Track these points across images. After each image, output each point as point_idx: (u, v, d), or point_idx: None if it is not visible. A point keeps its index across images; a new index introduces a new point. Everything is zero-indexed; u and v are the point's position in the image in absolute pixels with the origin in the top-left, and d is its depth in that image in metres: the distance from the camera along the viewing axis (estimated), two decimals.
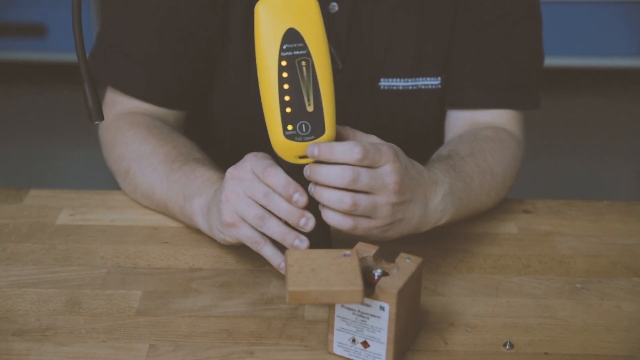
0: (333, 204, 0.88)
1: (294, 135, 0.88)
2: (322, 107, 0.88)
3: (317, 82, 0.88)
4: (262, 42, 0.87)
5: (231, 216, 0.93)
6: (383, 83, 1.21)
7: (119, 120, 1.18)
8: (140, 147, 1.12)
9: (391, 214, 0.91)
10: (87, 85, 0.92)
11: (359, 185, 0.88)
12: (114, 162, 1.17)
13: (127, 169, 1.13)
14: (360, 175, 0.88)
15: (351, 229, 0.90)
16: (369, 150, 0.88)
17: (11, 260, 1.04)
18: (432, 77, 1.21)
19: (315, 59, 0.87)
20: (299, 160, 0.89)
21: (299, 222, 0.90)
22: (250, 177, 0.92)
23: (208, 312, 0.94)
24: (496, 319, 0.94)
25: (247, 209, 0.92)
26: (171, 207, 1.07)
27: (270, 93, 0.88)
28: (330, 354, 0.88)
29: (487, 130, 1.17)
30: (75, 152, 2.94)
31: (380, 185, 0.89)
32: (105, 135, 1.21)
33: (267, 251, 0.93)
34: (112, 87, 1.21)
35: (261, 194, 0.91)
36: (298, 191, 0.89)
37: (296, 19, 0.87)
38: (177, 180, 1.06)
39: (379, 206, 0.90)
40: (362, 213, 0.89)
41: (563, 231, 1.12)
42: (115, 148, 1.17)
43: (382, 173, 0.90)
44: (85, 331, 0.91)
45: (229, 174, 0.93)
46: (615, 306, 0.97)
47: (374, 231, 0.91)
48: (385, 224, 0.91)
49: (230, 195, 0.93)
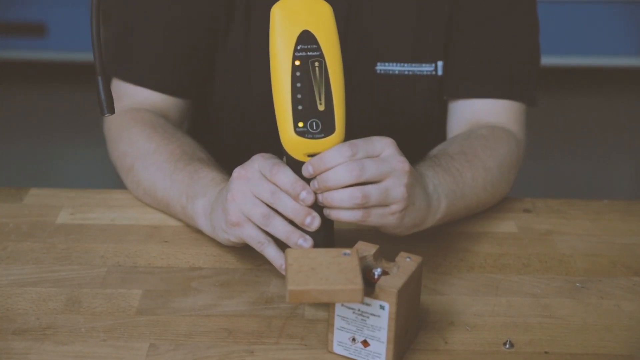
0: (345, 202, 0.88)
1: (304, 132, 0.89)
2: (333, 106, 0.89)
3: (329, 83, 0.89)
4: (277, 42, 0.89)
5: (237, 215, 0.93)
6: (380, 67, 1.22)
7: (124, 116, 1.19)
8: (144, 145, 1.13)
9: (406, 197, 0.91)
10: (101, 77, 0.93)
11: (368, 175, 0.88)
12: (117, 158, 1.18)
13: (131, 166, 1.14)
14: (365, 165, 0.88)
15: (363, 219, 0.90)
16: (357, 145, 0.89)
17: (11, 259, 1.04)
18: (427, 63, 1.22)
19: (328, 60, 0.89)
20: (308, 159, 0.90)
21: (305, 220, 0.90)
22: (258, 176, 0.92)
23: (208, 311, 0.94)
24: (496, 318, 0.94)
25: (252, 208, 0.92)
26: (173, 206, 1.08)
27: (283, 90, 0.89)
28: (330, 353, 0.88)
29: (483, 129, 1.17)
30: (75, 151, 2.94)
31: (390, 169, 0.90)
32: (110, 130, 1.21)
33: (270, 252, 0.93)
34: (118, 79, 1.23)
35: (268, 192, 0.91)
36: (305, 189, 0.90)
37: (311, 22, 0.89)
38: (181, 180, 1.06)
39: (392, 189, 0.90)
40: (376, 202, 0.89)
41: (563, 230, 1.12)
42: (119, 144, 1.17)
43: (386, 157, 0.90)
44: (85, 330, 0.91)
45: (236, 173, 0.94)
46: (615, 305, 0.97)
47: (390, 218, 0.91)
48: (402, 208, 0.91)
49: (237, 195, 0.93)
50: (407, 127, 1.27)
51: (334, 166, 0.88)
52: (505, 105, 1.21)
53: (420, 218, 0.96)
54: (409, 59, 1.22)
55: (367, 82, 1.22)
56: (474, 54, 1.21)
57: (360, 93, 1.22)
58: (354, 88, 1.21)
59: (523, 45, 1.23)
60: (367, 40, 1.21)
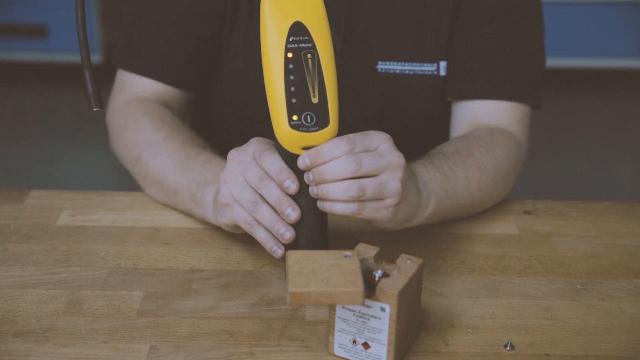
0: (341, 195, 0.88)
1: (299, 126, 0.88)
2: (327, 98, 0.89)
3: (322, 75, 0.89)
4: (269, 34, 0.89)
5: (226, 196, 0.94)
6: (381, 66, 1.22)
7: (129, 107, 1.19)
8: (154, 134, 1.14)
9: (401, 191, 0.91)
10: (87, 71, 0.93)
11: (365, 169, 0.88)
12: (124, 148, 1.18)
13: (139, 155, 1.14)
14: (362, 159, 0.88)
15: (357, 212, 0.90)
16: (354, 139, 0.89)
17: (12, 261, 1.04)
18: (429, 62, 1.22)
19: (321, 52, 0.89)
20: (302, 152, 0.90)
21: (285, 210, 0.90)
22: (249, 160, 0.92)
23: (209, 313, 0.94)
24: (497, 320, 0.94)
25: (242, 192, 0.92)
26: (181, 193, 1.08)
27: (276, 84, 0.88)
28: (330, 355, 0.88)
29: (482, 131, 1.17)
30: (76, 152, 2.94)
31: (386, 163, 0.90)
32: (114, 120, 1.22)
33: (260, 234, 0.94)
34: (123, 69, 1.23)
35: (256, 176, 0.91)
36: (290, 178, 0.90)
37: (302, 13, 0.89)
38: (192, 168, 1.06)
39: (387, 183, 0.90)
40: (371, 196, 0.89)
41: (564, 232, 1.12)
42: (126, 133, 1.17)
43: (382, 152, 0.90)
44: (86, 332, 0.91)
45: (231, 155, 0.94)
46: (616, 307, 0.97)
47: (383, 212, 0.91)
48: (396, 202, 0.91)
49: (228, 176, 0.93)
50: (408, 127, 1.27)
51: (331, 159, 0.88)
52: (507, 107, 1.21)
53: (410, 214, 0.97)
54: (411, 58, 1.22)
55: (368, 81, 1.23)
56: (476, 55, 1.21)
57: (360, 92, 1.22)
58: (354, 87, 1.22)
59: (527, 46, 1.22)
60: (368, 38, 1.21)
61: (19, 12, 3.21)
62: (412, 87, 1.23)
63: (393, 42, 1.21)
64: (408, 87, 1.23)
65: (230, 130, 1.31)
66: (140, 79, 1.22)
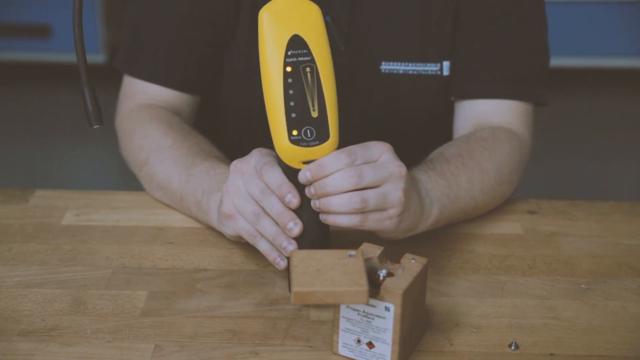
0: (344, 207, 0.88)
1: (299, 141, 0.88)
2: (327, 112, 0.88)
3: (322, 88, 0.88)
4: (267, 47, 0.88)
5: (229, 208, 0.94)
6: (384, 66, 1.22)
7: (138, 112, 1.19)
8: (160, 140, 1.14)
9: (403, 201, 0.91)
10: (87, 89, 0.93)
11: (367, 181, 0.88)
12: (131, 152, 1.18)
13: (146, 159, 1.14)
14: (363, 171, 0.88)
15: (360, 223, 0.90)
16: (354, 151, 0.89)
17: (16, 261, 1.04)
18: (432, 62, 1.22)
19: (319, 65, 0.88)
20: (303, 166, 0.89)
21: (287, 224, 0.90)
22: (252, 172, 0.92)
23: (213, 313, 0.94)
24: (501, 320, 0.94)
25: (244, 205, 0.92)
26: (187, 200, 1.08)
27: (275, 98, 0.88)
28: (335, 355, 0.88)
29: (484, 131, 1.17)
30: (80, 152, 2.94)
31: (387, 174, 0.90)
32: (123, 125, 1.22)
33: (263, 246, 0.94)
34: (131, 76, 1.23)
35: (258, 190, 0.91)
36: (291, 192, 0.90)
37: (300, 26, 0.88)
38: (197, 175, 1.06)
39: (390, 194, 0.90)
40: (374, 207, 0.89)
41: (568, 232, 1.12)
42: (133, 137, 1.18)
43: (383, 162, 0.90)
44: (91, 331, 0.91)
45: (233, 166, 0.94)
46: (620, 307, 0.97)
47: (387, 222, 0.91)
48: (399, 212, 0.91)
49: (231, 188, 0.93)
50: (411, 127, 1.27)
51: (333, 172, 0.88)
52: (510, 106, 1.21)
53: (414, 222, 0.97)
54: (414, 58, 1.22)
55: (371, 81, 1.22)
56: (479, 54, 1.21)
57: (364, 92, 1.22)
58: (357, 87, 1.22)
59: (530, 44, 1.22)
60: (371, 39, 1.21)
61: (22, 12, 3.22)
62: (416, 88, 1.23)
63: (396, 43, 1.21)
64: (411, 88, 1.23)
65: (232, 133, 1.31)
66: (149, 86, 1.22)
